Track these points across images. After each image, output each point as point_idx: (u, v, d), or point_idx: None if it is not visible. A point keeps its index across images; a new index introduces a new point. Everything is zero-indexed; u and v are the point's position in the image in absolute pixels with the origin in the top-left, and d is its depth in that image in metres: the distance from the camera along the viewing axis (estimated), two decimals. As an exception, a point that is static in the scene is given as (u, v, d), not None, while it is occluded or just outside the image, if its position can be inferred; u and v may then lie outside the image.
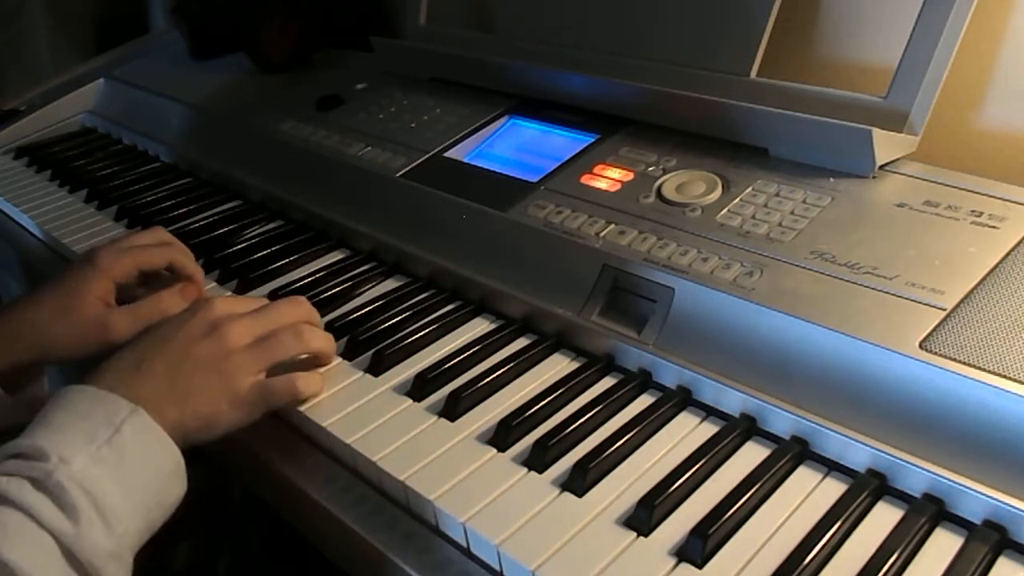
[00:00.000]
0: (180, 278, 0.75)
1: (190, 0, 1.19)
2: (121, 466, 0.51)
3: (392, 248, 0.80)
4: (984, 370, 0.50)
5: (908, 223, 0.62)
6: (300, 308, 0.65)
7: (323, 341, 0.65)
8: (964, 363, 0.51)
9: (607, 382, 0.63)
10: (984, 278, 0.56)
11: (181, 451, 0.55)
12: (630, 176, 0.74)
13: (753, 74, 0.76)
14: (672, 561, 0.48)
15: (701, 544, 0.48)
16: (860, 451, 0.52)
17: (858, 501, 0.50)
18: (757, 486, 0.51)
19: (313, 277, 0.79)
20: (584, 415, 0.58)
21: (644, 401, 0.60)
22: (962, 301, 0.54)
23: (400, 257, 0.79)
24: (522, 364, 0.64)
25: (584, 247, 0.68)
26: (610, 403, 0.59)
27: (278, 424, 0.63)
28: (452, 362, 0.65)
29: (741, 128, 0.73)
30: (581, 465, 0.53)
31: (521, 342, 0.68)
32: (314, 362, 0.65)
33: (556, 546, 0.49)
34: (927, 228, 0.61)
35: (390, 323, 0.70)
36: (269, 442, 0.62)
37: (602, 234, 0.69)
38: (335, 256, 0.83)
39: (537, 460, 0.55)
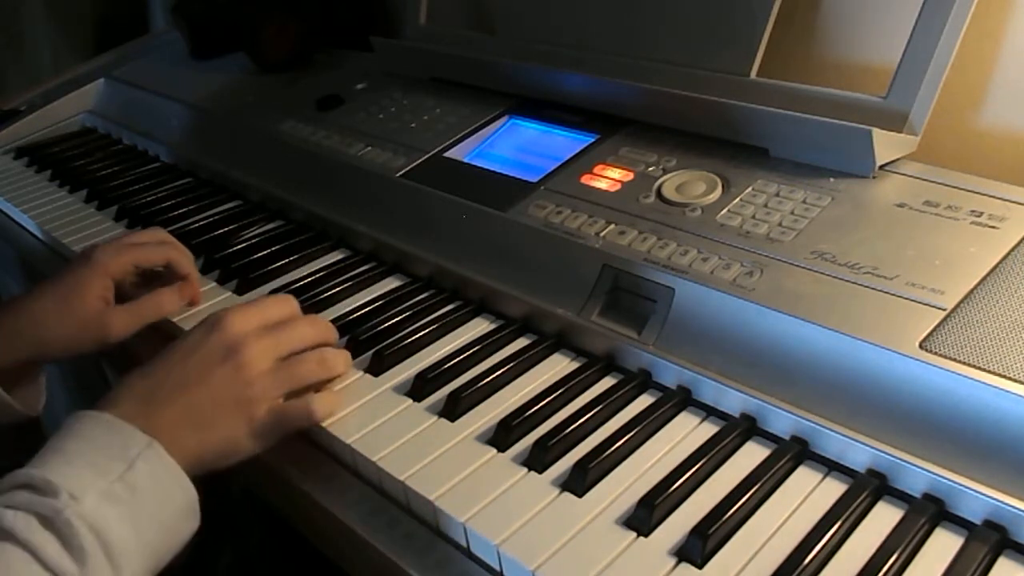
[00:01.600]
0: (177, 276, 0.75)
1: (190, 0, 1.19)
2: (133, 504, 0.49)
3: (392, 248, 0.80)
4: (984, 370, 0.50)
5: (908, 223, 0.62)
6: (318, 326, 0.63)
7: (344, 364, 0.63)
8: (964, 363, 0.51)
9: (607, 382, 0.63)
10: (984, 278, 0.56)
11: (197, 479, 0.53)
12: (630, 176, 0.74)
13: (753, 74, 0.76)
14: (672, 561, 0.48)
15: (701, 544, 0.47)
16: (860, 451, 0.52)
17: (858, 501, 0.50)
18: (757, 486, 0.51)
19: (313, 277, 0.79)
20: (584, 415, 0.58)
21: (644, 401, 0.60)
22: (962, 301, 0.54)
23: (400, 257, 0.79)
24: (522, 364, 0.64)
25: (584, 247, 0.68)
26: (610, 403, 0.59)
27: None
28: (452, 362, 0.65)
29: (741, 128, 0.73)
30: (581, 465, 0.53)
31: (521, 342, 0.68)
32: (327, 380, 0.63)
33: (556, 546, 0.49)
34: (927, 228, 0.61)
35: (390, 323, 0.70)
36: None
37: (602, 234, 0.69)
38: (335, 256, 0.83)
39: (537, 460, 0.55)
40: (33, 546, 0.45)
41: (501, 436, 0.57)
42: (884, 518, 0.49)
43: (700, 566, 0.47)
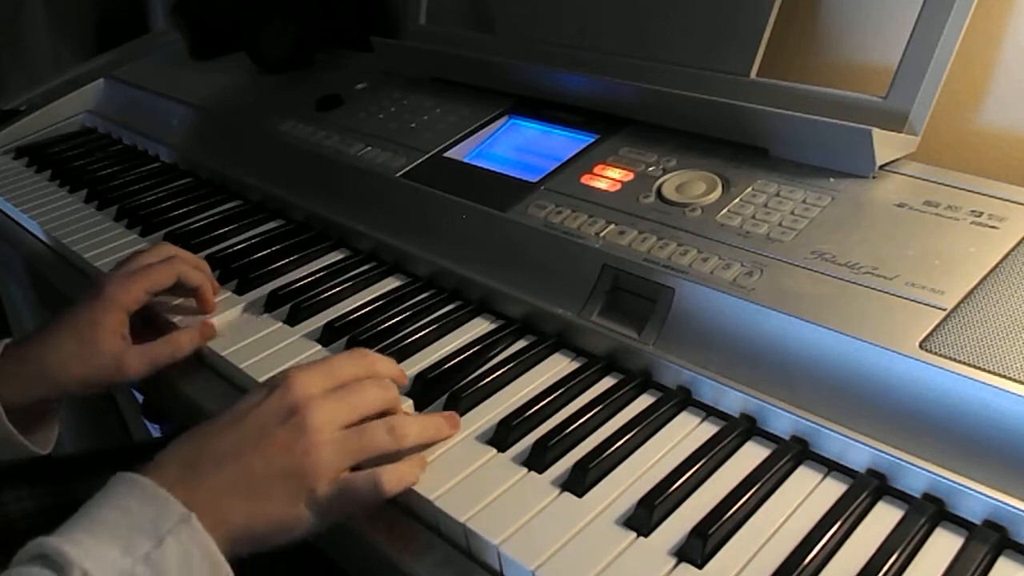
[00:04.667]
0: (189, 290, 0.74)
1: (190, 0, 1.19)
2: None
3: (392, 248, 0.80)
4: (984, 370, 0.50)
5: (908, 223, 0.62)
6: (389, 392, 0.56)
7: (417, 433, 0.55)
8: (964, 363, 0.51)
9: (607, 382, 0.63)
10: (984, 278, 0.56)
11: (247, 556, 0.49)
12: (630, 176, 0.74)
13: (753, 74, 0.76)
14: (672, 561, 0.48)
15: (701, 544, 0.48)
16: (860, 451, 0.52)
17: (858, 501, 0.50)
18: (757, 486, 0.51)
19: (313, 277, 0.79)
20: (584, 415, 0.58)
21: (644, 401, 0.60)
22: (962, 301, 0.54)
23: (400, 257, 0.79)
24: (522, 364, 0.64)
25: (584, 247, 0.68)
26: (610, 403, 0.59)
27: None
28: (452, 362, 0.65)
29: (741, 128, 0.73)
30: (581, 465, 0.53)
31: (521, 342, 0.68)
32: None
33: (556, 546, 0.49)
34: (927, 228, 0.61)
35: (390, 323, 0.70)
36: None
37: (602, 234, 0.69)
38: (335, 256, 0.83)
39: (537, 460, 0.55)
40: None
41: (501, 436, 0.57)
42: (884, 518, 0.49)
43: (700, 566, 0.47)
